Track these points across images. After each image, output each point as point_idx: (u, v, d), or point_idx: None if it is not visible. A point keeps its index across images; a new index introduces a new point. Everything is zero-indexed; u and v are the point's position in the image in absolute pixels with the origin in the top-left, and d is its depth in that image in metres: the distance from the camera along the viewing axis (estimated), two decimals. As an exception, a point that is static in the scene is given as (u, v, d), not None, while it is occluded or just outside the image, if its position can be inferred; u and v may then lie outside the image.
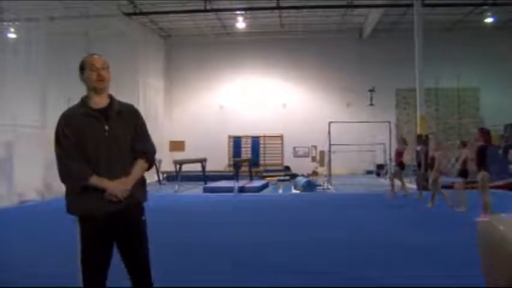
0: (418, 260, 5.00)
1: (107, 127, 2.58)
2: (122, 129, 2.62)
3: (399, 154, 11.01)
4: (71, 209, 2.59)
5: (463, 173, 8.59)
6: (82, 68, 2.64)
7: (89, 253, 2.55)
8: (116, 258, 2.67)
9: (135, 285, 2.65)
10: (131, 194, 2.58)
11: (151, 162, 2.73)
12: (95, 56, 2.67)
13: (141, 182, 2.71)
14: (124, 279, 2.70)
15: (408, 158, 11.28)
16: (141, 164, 2.66)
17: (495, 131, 17.29)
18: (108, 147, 2.56)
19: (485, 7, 17.40)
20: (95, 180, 2.50)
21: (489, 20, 18.89)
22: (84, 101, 2.65)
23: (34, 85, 12.27)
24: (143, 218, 2.70)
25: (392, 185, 11.02)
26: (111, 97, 2.69)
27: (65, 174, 2.55)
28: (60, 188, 2.73)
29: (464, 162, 8.54)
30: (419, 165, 11.46)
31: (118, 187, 2.52)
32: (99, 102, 2.63)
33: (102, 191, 2.51)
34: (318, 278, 4.34)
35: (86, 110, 2.60)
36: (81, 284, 2.56)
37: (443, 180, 9.43)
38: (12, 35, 12.89)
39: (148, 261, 2.67)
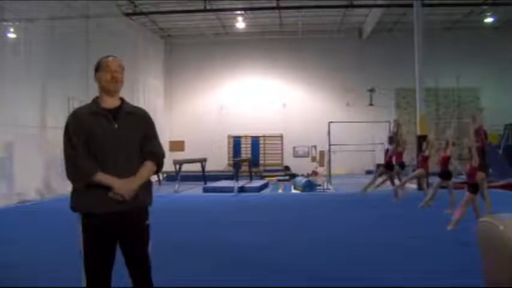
0: (416, 259, 5.01)
1: (116, 126, 2.57)
2: (130, 129, 2.62)
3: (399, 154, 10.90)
4: (74, 206, 2.55)
5: (445, 174, 8.03)
6: (97, 69, 2.66)
7: (91, 252, 2.52)
8: (118, 257, 2.66)
9: (136, 285, 2.64)
10: (136, 195, 2.54)
11: (159, 164, 2.71)
12: (110, 57, 2.69)
13: (147, 185, 2.67)
14: (125, 278, 2.70)
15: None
16: (149, 165, 2.64)
17: (495, 131, 17.32)
18: (115, 146, 2.55)
19: (485, 7, 17.40)
20: (101, 177, 2.47)
21: (489, 20, 18.88)
22: (95, 101, 2.67)
23: (34, 85, 12.24)
24: (147, 222, 2.67)
25: (373, 183, 11.07)
26: (122, 100, 2.71)
27: (71, 170, 2.52)
28: (60, 188, 2.73)
29: (444, 162, 8.08)
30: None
31: (124, 186, 2.48)
32: (110, 103, 2.64)
33: (107, 189, 2.47)
34: (317, 277, 4.34)
35: (96, 109, 2.61)
36: (84, 284, 2.53)
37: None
38: (12, 35, 12.87)
39: (149, 263, 2.65)
